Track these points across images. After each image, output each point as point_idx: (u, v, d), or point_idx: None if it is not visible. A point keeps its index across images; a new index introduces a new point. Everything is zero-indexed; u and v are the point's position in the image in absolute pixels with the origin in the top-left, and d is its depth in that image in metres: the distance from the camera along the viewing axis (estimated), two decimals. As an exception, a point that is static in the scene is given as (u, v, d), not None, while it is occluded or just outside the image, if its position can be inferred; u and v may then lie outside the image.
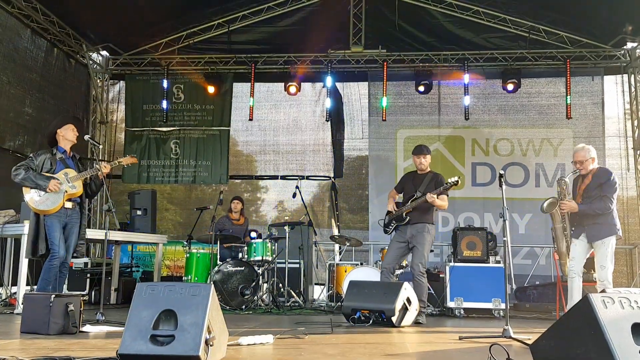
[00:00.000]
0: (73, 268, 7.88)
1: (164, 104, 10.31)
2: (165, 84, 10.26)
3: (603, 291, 4.90)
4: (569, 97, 9.51)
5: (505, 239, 4.46)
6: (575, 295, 5.20)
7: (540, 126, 9.94)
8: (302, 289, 7.85)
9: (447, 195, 5.92)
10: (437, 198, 5.72)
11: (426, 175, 5.98)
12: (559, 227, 5.45)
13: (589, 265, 5.68)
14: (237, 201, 8.29)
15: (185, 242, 7.80)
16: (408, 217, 5.88)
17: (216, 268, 6.99)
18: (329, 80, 9.95)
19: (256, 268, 7.13)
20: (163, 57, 10.30)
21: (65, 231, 5.37)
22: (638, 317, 2.70)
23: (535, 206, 5.62)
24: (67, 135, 5.44)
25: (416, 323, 5.47)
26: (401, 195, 6.20)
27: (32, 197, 5.19)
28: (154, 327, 2.82)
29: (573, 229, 5.40)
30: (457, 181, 5.66)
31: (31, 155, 5.41)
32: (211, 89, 10.16)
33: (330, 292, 7.67)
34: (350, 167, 10.52)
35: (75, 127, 5.55)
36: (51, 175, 5.27)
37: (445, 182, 5.77)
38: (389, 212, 6.09)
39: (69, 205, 5.33)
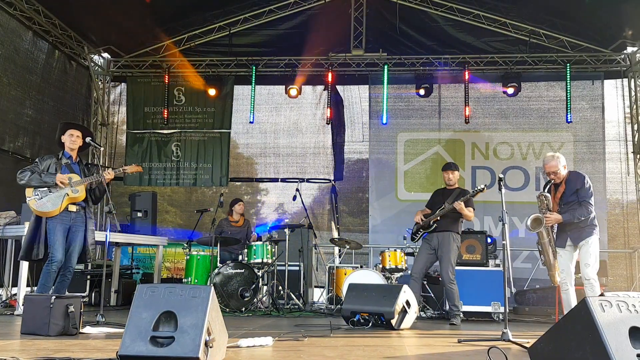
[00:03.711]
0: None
1: (165, 107, 10.34)
2: (166, 86, 10.29)
3: (602, 295, 4.91)
4: (569, 101, 9.55)
5: (504, 242, 4.48)
6: (572, 305, 5.19)
7: (541, 130, 9.96)
8: (301, 292, 7.86)
9: (474, 208, 6.31)
10: (464, 206, 6.12)
11: (454, 190, 6.44)
12: (545, 241, 5.48)
13: (576, 268, 5.69)
14: (241, 203, 8.29)
15: (185, 244, 7.81)
16: (435, 225, 6.32)
17: (216, 270, 7.00)
18: (329, 83, 9.96)
19: (256, 270, 7.15)
20: (164, 59, 10.34)
21: (69, 235, 5.36)
22: (636, 321, 2.71)
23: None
24: (66, 142, 5.43)
25: (451, 325, 5.98)
26: (430, 211, 6.59)
27: (33, 199, 5.19)
28: (154, 329, 2.84)
29: (556, 237, 5.43)
30: (483, 188, 5.97)
31: (37, 159, 5.39)
32: (212, 92, 10.19)
33: (330, 294, 7.67)
34: (350, 170, 10.52)
35: (80, 131, 5.51)
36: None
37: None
38: (416, 223, 6.50)
39: (73, 208, 5.33)
